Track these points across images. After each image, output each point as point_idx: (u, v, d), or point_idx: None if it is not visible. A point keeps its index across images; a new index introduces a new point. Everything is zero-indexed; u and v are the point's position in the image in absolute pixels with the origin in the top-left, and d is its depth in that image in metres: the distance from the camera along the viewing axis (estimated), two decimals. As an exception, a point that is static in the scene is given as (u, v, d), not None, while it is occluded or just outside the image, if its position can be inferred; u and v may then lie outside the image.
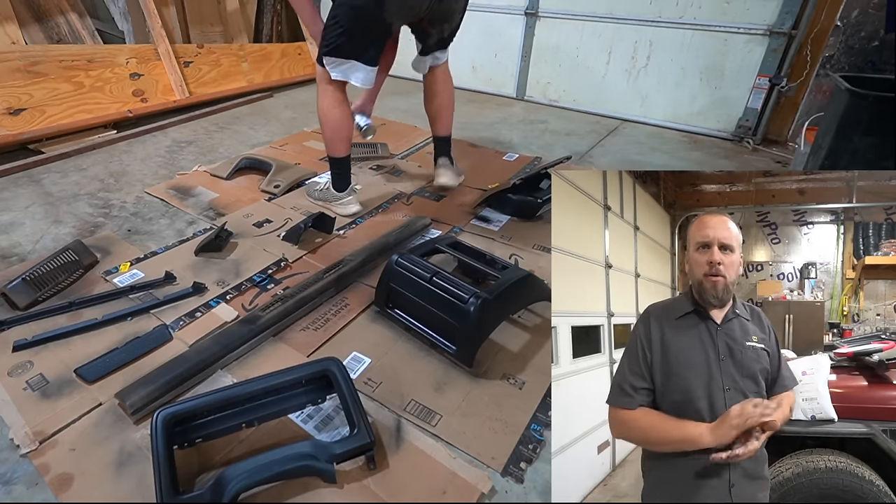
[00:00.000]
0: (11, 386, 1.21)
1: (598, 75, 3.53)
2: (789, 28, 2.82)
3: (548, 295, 1.54)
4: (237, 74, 3.58)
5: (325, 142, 1.96)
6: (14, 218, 1.95)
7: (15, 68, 2.58)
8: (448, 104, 2.16)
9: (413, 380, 1.29)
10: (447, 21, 1.85)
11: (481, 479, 1.04)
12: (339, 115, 1.89)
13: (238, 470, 0.95)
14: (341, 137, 1.93)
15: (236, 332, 1.36)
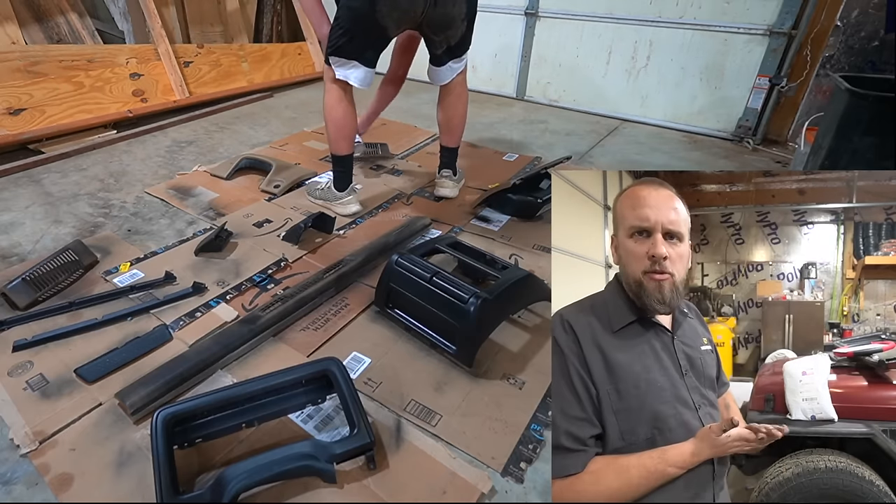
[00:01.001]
0: (11, 386, 1.21)
1: (598, 75, 3.53)
2: (789, 28, 2.82)
3: (548, 295, 1.54)
4: (237, 74, 3.58)
5: (329, 140, 1.98)
6: (14, 218, 1.95)
7: (15, 68, 2.58)
8: (457, 119, 2.14)
9: (413, 380, 1.29)
10: (449, 28, 1.83)
11: (481, 479, 1.04)
12: (342, 113, 1.91)
13: (238, 470, 0.95)
14: (344, 135, 1.96)
15: (236, 332, 1.36)
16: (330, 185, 2.08)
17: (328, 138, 1.98)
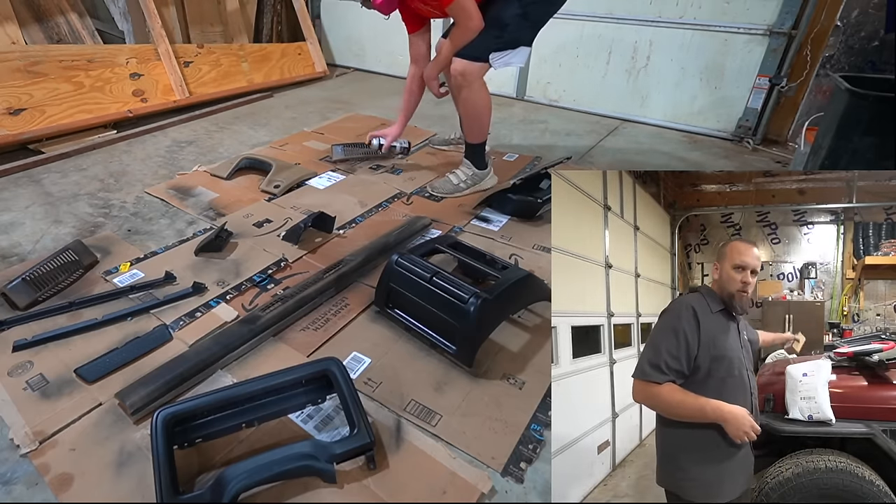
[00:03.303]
0: (11, 386, 1.21)
1: (598, 75, 3.53)
2: (789, 28, 2.82)
3: (548, 295, 1.54)
4: (237, 74, 3.58)
5: (481, 130, 2.18)
6: (14, 218, 1.95)
7: (15, 68, 2.58)
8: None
9: (413, 380, 1.29)
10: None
11: (481, 479, 1.04)
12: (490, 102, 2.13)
13: (238, 470, 0.95)
14: (490, 121, 2.19)
15: (236, 332, 1.36)
16: (473, 171, 2.26)
17: (481, 129, 2.18)
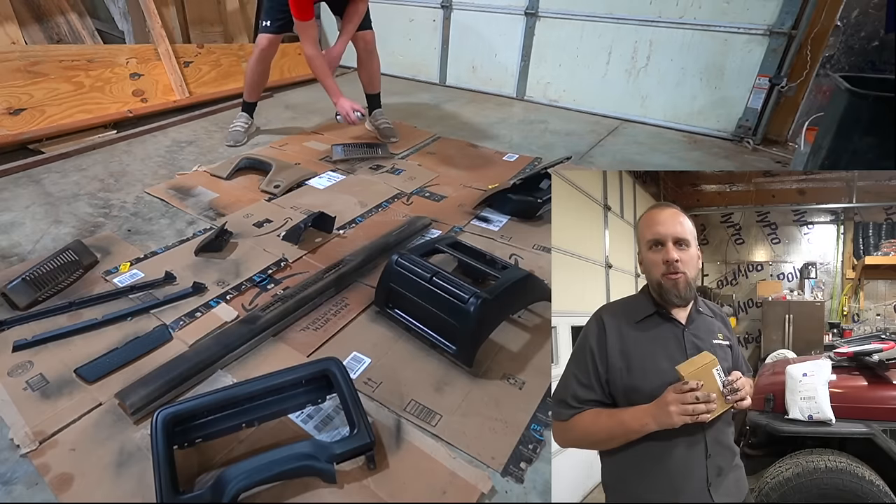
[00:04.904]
0: (11, 386, 1.21)
1: (597, 75, 3.53)
2: (789, 28, 2.82)
3: (548, 295, 1.54)
4: (237, 74, 3.58)
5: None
6: (14, 218, 1.95)
7: (15, 68, 2.58)
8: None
9: (413, 380, 1.29)
10: None
11: (481, 479, 1.04)
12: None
13: (238, 470, 0.95)
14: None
15: (236, 332, 1.36)
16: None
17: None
